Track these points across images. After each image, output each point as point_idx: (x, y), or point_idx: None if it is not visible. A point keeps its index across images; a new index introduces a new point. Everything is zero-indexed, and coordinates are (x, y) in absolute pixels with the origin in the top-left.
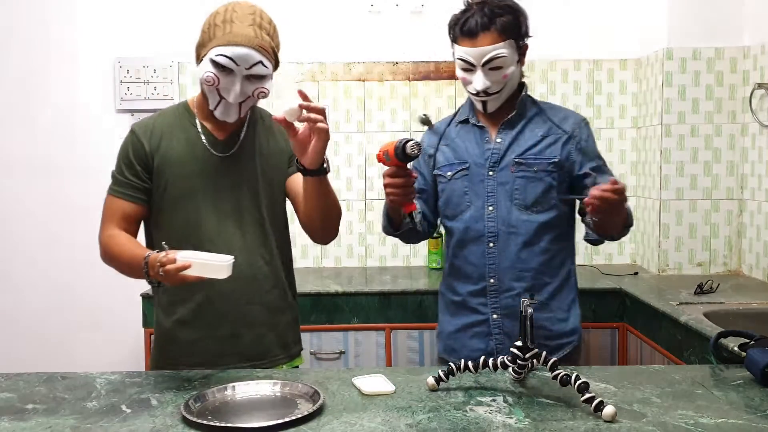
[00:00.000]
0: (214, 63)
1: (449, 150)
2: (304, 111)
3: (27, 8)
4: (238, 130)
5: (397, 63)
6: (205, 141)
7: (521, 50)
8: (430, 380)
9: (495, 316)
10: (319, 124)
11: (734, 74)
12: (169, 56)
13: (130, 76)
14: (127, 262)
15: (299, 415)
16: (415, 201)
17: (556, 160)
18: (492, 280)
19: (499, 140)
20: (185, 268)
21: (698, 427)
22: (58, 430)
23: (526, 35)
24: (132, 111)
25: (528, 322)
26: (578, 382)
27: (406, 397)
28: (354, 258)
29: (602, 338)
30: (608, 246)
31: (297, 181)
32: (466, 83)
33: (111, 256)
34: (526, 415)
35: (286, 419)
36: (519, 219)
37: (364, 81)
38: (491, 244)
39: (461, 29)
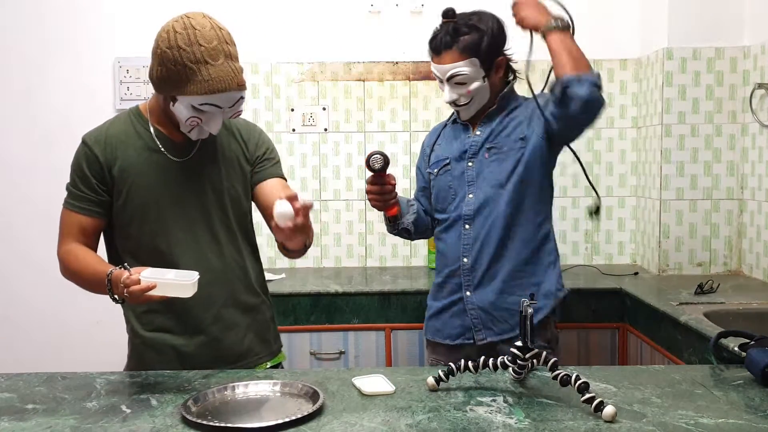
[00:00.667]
0: (197, 110)
1: (439, 148)
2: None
3: (27, 8)
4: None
5: (397, 63)
6: (161, 146)
7: (488, 65)
8: (430, 380)
9: (468, 293)
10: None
11: (734, 74)
12: None
13: (130, 76)
14: (89, 279)
15: (299, 415)
16: (397, 205)
17: (523, 135)
18: (465, 260)
19: (478, 133)
20: (150, 289)
21: (698, 427)
22: (58, 430)
23: (495, 52)
24: None
25: (528, 322)
26: (578, 382)
27: (406, 397)
28: (354, 258)
29: (602, 338)
30: (608, 246)
31: (265, 192)
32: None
33: (71, 272)
34: (526, 415)
35: (286, 419)
36: (492, 198)
37: (364, 81)
38: (467, 226)
39: (430, 46)
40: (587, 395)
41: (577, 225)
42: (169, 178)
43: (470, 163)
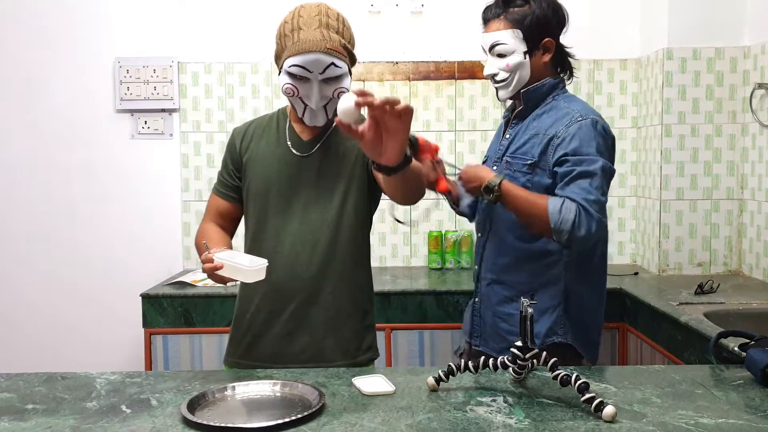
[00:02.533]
0: (289, 74)
1: (491, 144)
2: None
3: (27, 9)
4: (323, 132)
5: (397, 63)
6: (289, 142)
7: (534, 43)
8: (430, 380)
9: (476, 299)
10: (391, 120)
11: (734, 74)
12: (169, 56)
13: (130, 76)
14: (198, 250)
15: (299, 415)
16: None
17: (530, 161)
18: (476, 267)
19: (508, 135)
20: (218, 268)
21: (698, 427)
22: (58, 430)
23: (543, 31)
24: (132, 111)
25: (528, 323)
26: (578, 382)
27: (406, 397)
28: None
29: (602, 338)
30: (609, 246)
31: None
32: None
33: (195, 243)
34: (526, 415)
35: (286, 419)
36: (499, 215)
37: (363, 81)
38: (480, 234)
39: (482, 17)
40: (587, 395)
41: None
42: (286, 171)
43: (495, 167)
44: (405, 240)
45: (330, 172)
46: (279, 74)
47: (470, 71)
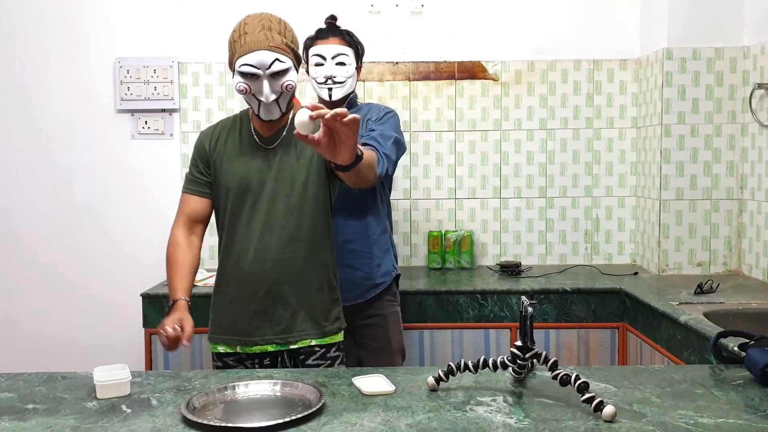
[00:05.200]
0: (241, 73)
1: None
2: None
3: (27, 9)
4: (282, 128)
5: (397, 63)
6: (255, 138)
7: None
8: (430, 380)
9: None
10: (341, 128)
11: (734, 74)
12: (169, 56)
13: (130, 76)
14: (168, 280)
15: (299, 415)
16: None
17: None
18: None
19: None
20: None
21: (698, 427)
22: (58, 430)
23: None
24: (132, 111)
25: (528, 322)
26: (578, 382)
27: (406, 397)
28: None
29: (602, 338)
30: (608, 246)
31: None
32: None
33: (166, 261)
34: (526, 415)
35: (286, 419)
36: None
37: (364, 81)
38: None
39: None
40: (587, 395)
41: (577, 225)
42: (253, 166)
43: None
44: (405, 240)
45: (291, 164)
46: (233, 77)
47: (470, 71)
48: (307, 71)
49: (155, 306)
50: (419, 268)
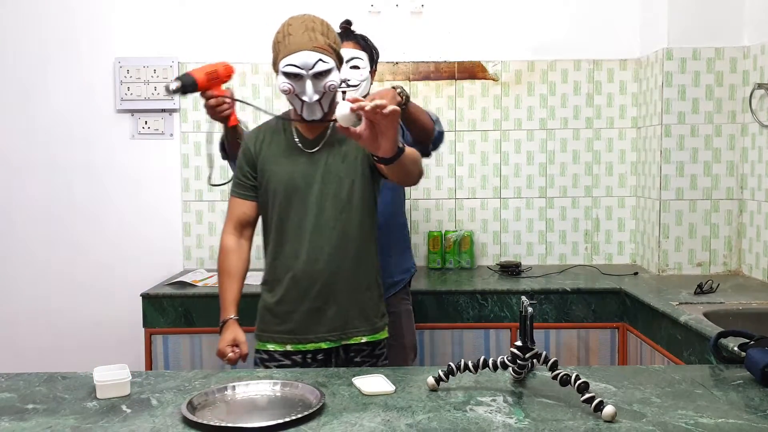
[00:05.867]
0: (285, 74)
1: None
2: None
3: (27, 9)
4: (325, 130)
5: (397, 63)
6: (297, 141)
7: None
8: (430, 380)
9: None
10: (382, 120)
11: (734, 74)
12: (169, 56)
13: (130, 76)
14: (219, 292)
15: (299, 415)
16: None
17: None
18: None
19: None
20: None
21: (698, 427)
22: (58, 430)
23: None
24: (132, 111)
25: (528, 322)
26: (578, 382)
27: (406, 397)
28: None
29: (602, 338)
30: (608, 246)
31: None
32: None
33: (218, 268)
34: (526, 415)
35: (286, 419)
36: None
37: None
38: None
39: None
40: (587, 395)
41: (577, 225)
42: (299, 168)
43: None
44: None
45: (337, 165)
46: (276, 78)
47: (470, 71)
48: None
49: (155, 306)
50: (419, 268)
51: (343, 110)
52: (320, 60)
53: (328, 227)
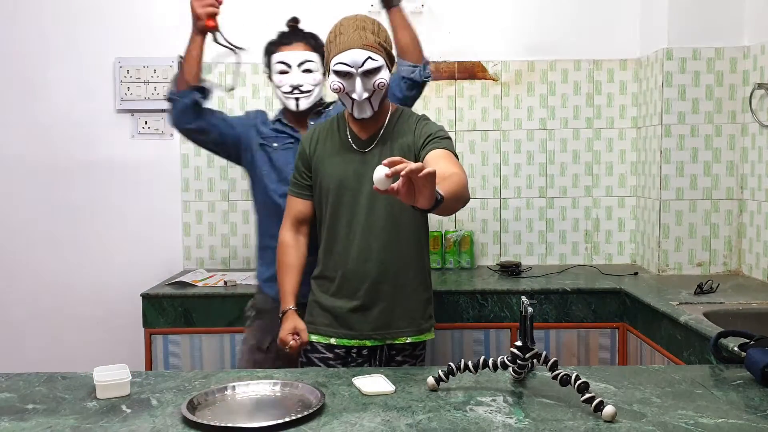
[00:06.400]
0: (335, 72)
1: None
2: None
3: (27, 8)
4: (378, 130)
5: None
6: (350, 141)
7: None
8: (430, 380)
9: None
10: (418, 180)
11: (734, 74)
12: (169, 56)
13: (130, 76)
14: (279, 284)
15: (299, 415)
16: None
17: None
18: None
19: None
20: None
21: (698, 427)
22: (58, 430)
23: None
24: (132, 111)
25: (528, 322)
26: (578, 382)
27: (406, 397)
28: None
29: (602, 338)
30: (608, 246)
31: (431, 161)
32: None
33: (277, 264)
34: (526, 415)
35: (286, 419)
36: None
37: None
38: None
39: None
40: (587, 395)
41: (577, 225)
42: (351, 167)
43: None
44: None
45: None
46: (327, 77)
47: (470, 71)
48: (270, 78)
49: (155, 306)
50: None
51: (379, 174)
52: (369, 58)
53: (378, 227)
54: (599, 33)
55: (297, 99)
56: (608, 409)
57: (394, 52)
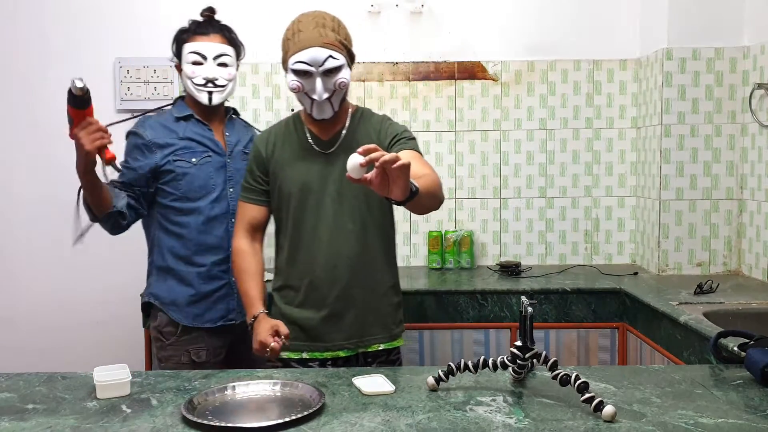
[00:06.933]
0: (294, 71)
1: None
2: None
3: (27, 9)
4: (340, 131)
5: (397, 63)
6: (311, 142)
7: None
8: (430, 380)
9: (233, 278)
10: (392, 171)
11: (734, 74)
12: (169, 56)
13: (130, 76)
14: (241, 293)
15: (299, 415)
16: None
17: None
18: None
19: None
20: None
21: (698, 427)
22: (58, 430)
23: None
24: (132, 111)
25: (528, 322)
26: (578, 382)
27: (406, 397)
28: None
29: (602, 338)
30: (608, 246)
31: None
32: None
33: (234, 274)
34: (526, 415)
35: (286, 419)
36: None
37: (363, 81)
38: (233, 220)
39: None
40: (587, 395)
41: (577, 225)
42: (315, 170)
43: None
44: (405, 240)
45: None
46: (286, 76)
47: (470, 71)
48: (179, 68)
49: None
50: (419, 268)
51: (353, 162)
52: (330, 56)
53: (347, 230)
54: (599, 33)
55: (210, 93)
56: (608, 409)
57: (354, 50)
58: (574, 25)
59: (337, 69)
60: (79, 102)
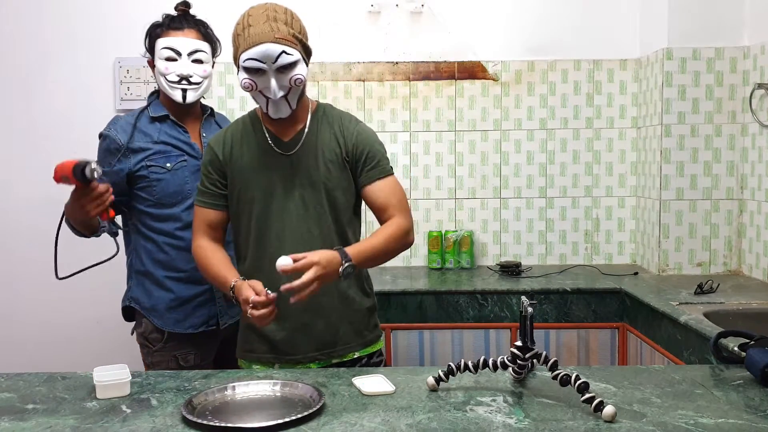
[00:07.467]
0: (245, 69)
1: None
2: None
3: (27, 9)
4: (302, 130)
5: (397, 63)
6: (271, 143)
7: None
8: (430, 380)
9: None
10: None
11: (734, 74)
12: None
13: (130, 76)
14: (212, 279)
15: (299, 415)
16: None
17: None
18: None
19: None
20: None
21: (698, 427)
22: (58, 430)
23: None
24: (132, 111)
25: (528, 322)
26: (578, 382)
27: (406, 397)
28: None
29: (602, 338)
30: (608, 246)
31: (370, 196)
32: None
33: (200, 268)
34: (526, 415)
35: (286, 419)
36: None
37: (364, 81)
38: None
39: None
40: (587, 395)
41: (577, 225)
42: (276, 173)
43: None
44: None
45: (317, 168)
46: (238, 74)
47: (470, 71)
48: (151, 64)
49: None
50: (419, 268)
51: (279, 264)
52: (283, 52)
53: (314, 234)
54: (599, 33)
55: (184, 90)
56: (608, 409)
57: (310, 43)
58: (574, 25)
59: (291, 65)
60: (87, 181)
